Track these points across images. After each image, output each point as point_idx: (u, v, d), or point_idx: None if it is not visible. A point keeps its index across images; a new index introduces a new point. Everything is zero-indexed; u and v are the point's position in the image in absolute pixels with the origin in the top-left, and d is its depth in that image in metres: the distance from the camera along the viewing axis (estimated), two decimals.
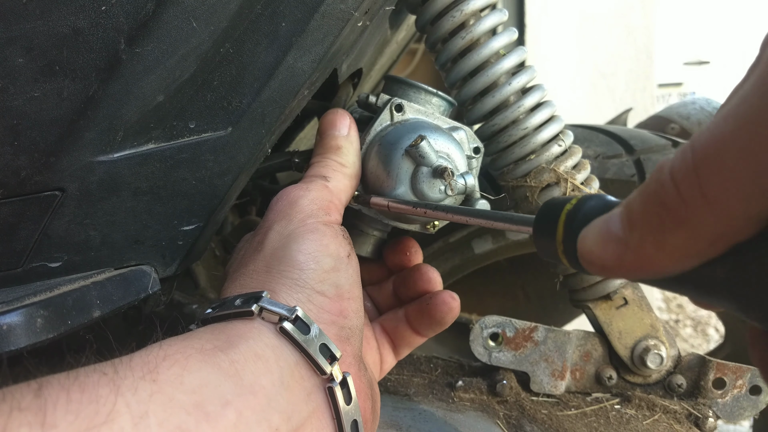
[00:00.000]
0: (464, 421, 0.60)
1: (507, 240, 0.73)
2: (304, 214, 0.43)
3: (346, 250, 0.43)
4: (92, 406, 0.26)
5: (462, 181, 0.47)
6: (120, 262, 0.46)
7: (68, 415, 0.25)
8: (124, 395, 0.27)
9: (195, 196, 0.46)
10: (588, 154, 0.71)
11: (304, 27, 0.42)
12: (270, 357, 0.34)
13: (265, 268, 0.41)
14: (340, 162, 0.48)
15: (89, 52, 0.37)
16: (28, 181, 0.39)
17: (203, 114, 0.43)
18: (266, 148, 0.48)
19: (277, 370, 0.34)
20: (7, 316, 0.37)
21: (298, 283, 0.39)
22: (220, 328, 0.35)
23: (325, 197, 0.45)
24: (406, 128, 0.49)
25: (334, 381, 0.36)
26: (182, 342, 0.33)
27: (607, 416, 0.61)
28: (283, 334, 0.36)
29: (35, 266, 0.43)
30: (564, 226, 0.28)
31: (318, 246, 0.41)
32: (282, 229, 0.42)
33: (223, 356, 0.32)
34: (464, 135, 0.52)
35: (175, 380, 0.29)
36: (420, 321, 0.54)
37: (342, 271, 0.41)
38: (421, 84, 0.53)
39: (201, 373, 0.30)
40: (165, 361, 0.30)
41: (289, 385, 0.34)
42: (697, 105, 1.56)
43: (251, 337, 0.35)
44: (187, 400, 0.29)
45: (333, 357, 0.37)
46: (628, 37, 3.47)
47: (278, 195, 0.45)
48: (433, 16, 0.53)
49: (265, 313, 0.36)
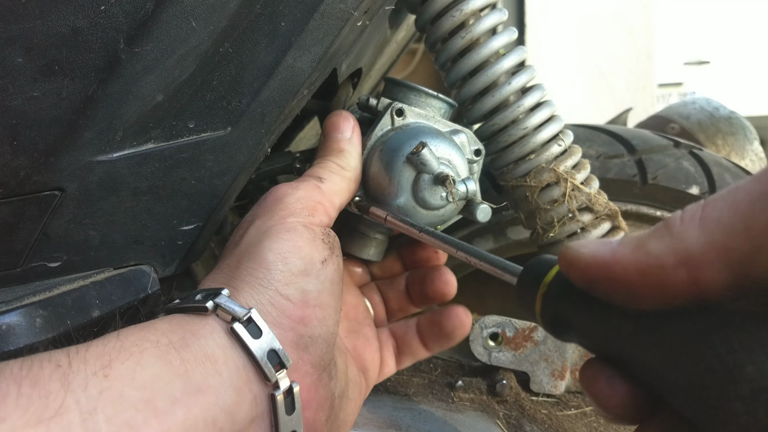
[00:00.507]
0: (464, 421, 0.59)
1: (508, 239, 0.73)
2: (286, 212, 0.42)
3: (322, 255, 0.41)
4: (42, 401, 0.26)
5: (463, 187, 0.47)
6: (119, 262, 0.46)
7: (18, 409, 0.26)
8: (74, 392, 0.27)
9: (194, 195, 0.46)
10: (589, 154, 0.71)
11: (303, 26, 0.42)
12: (219, 357, 0.34)
13: (236, 263, 0.40)
14: (340, 164, 0.48)
15: (88, 51, 0.37)
16: (28, 180, 0.39)
17: (202, 114, 0.43)
18: (266, 147, 0.48)
19: (226, 372, 0.34)
20: (7, 316, 0.37)
21: (263, 283, 0.38)
22: (177, 320, 0.36)
23: (313, 197, 0.44)
24: (407, 134, 0.49)
25: (278, 389, 0.36)
26: (140, 333, 0.33)
27: None
28: (233, 335, 0.35)
29: (35, 266, 0.43)
30: (545, 292, 0.30)
31: (290, 246, 0.40)
32: (261, 225, 0.42)
33: (175, 354, 0.33)
34: (465, 138, 0.52)
35: (127, 376, 0.30)
36: (430, 332, 0.54)
37: (312, 276, 0.40)
38: (422, 86, 0.53)
39: (153, 369, 0.31)
40: (120, 354, 0.31)
41: (237, 386, 0.34)
42: (697, 105, 1.56)
43: (203, 335, 0.35)
44: (137, 396, 0.29)
45: (282, 364, 0.36)
46: (628, 37, 3.47)
47: (268, 191, 0.45)
48: (432, 16, 0.52)
49: (219, 311, 0.36)
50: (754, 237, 0.22)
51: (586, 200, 0.53)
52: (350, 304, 0.54)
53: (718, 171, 0.71)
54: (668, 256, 0.23)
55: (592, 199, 0.53)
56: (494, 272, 0.37)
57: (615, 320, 0.26)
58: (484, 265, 0.38)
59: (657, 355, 0.23)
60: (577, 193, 0.53)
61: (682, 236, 0.23)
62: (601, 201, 0.53)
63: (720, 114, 1.51)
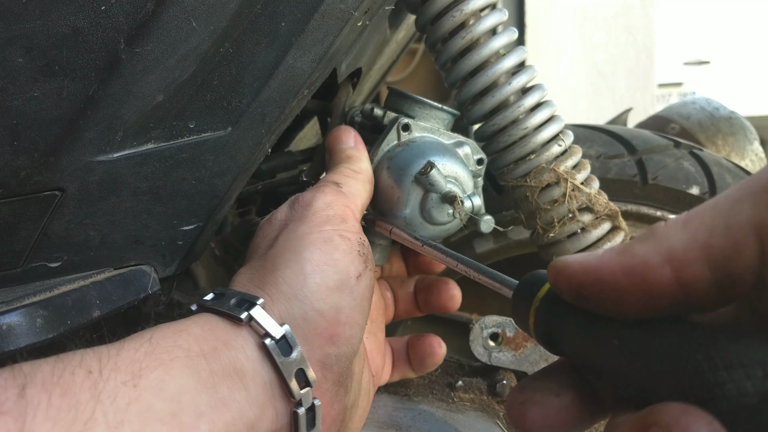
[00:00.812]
0: (464, 421, 0.59)
1: (508, 240, 0.73)
2: (319, 217, 0.41)
3: (357, 270, 0.40)
4: (71, 413, 0.26)
5: (469, 203, 0.48)
6: (120, 262, 0.46)
7: (47, 422, 0.26)
8: (102, 403, 0.28)
9: (195, 195, 0.46)
10: (590, 154, 0.71)
11: (303, 27, 0.42)
12: (248, 372, 0.34)
13: (272, 267, 0.39)
14: (353, 169, 0.48)
15: (89, 51, 0.37)
16: (28, 181, 0.39)
17: (203, 114, 0.43)
18: (266, 147, 0.48)
19: (252, 387, 0.34)
20: (7, 316, 0.37)
21: (298, 295, 0.38)
22: (211, 325, 0.36)
23: (340, 202, 0.43)
24: (415, 152, 0.50)
25: (301, 406, 0.36)
26: (172, 338, 0.33)
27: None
28: (264, 350, 0.35)
29: (35, 266, 0.43)
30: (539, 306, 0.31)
31: (327, 259, 0.39)
32: (295, 229, 0.41)
33: (204, 365, 0.33)
34: (468, 150, 0.54)
35: (155, 386, 0.30)
36: (411, 354, 0.55)
37: (346, 293, 0.39)
38: (425, 99, 0.54)
39: (182, 380, 0.31)
40: (152, 361, 0.31)
41: (261, 402, 0.34)
42: (697, 105, 1.56)
43: (234, 347, 0.35)
44: (164, 409, 0.29)
45: (307, 383, 0.36)
46: (628, 37, 3.47)
47: (293, 197, 0.44)
48: (433, 16, 0.52)
49: (253, 323, 0.36)
50: (734, 235, 0.23)
51: (586, 200, 0.53)
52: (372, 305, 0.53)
53: (719, 171, 0.71)
54: (653, 255, 0.24)
55: (592, 200, 0.53)
56: (492, 286, 0.38)
57: (601, 333, 0.26)
58: (483, 278, 0.39)
59: (641, 368, 0.24)
60: (578, 194, 0.53)
61: (667, 236, 0.24)
62: (602, 201, 0.53)
63: (720, 114, 1.51)
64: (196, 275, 0.79)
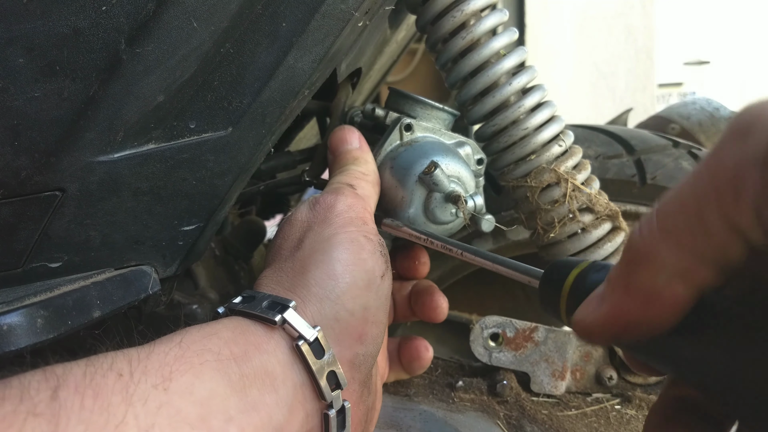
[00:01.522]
0: (464, 422, 0.60)
1: (508, 240, 0.73)
2: (343, 219, 0.42)
3: (381, 270, 0.41)
4: (103, 416, 0.26)
5: (472, 202, 0.49)
6: (120, 262, 0.46)
7: (80, 425, 0.26)
8: (134, 405, 0.28)
9: (195, 196, 0.46)
10: (588, 154, 0.71)
11: (304, 27, 0.42)
12: (279, 375, 0.34)
13: (301, 269, 0.40)
14: (362, 171, 0.48)
15: (90, 52, 0.37)
16: (29, 181, 0.39)
17: (204, 114, 0.43)
18: (267, 147, 0.48)
19: (283, 390, 0.34)
20: (8, 316, 0.37)
21: (330, 296, 0.38)
22: (241, 328, 0.35)
23: (359, 204, 0.44)
24: (417, 152, 0.50)
25: (332, 408, 0.36)
26: (202, 341, 0.33)
27: (607, 416, 0.61)
28: (297, 353, 0.35)
29: (35, 266, 0.43)
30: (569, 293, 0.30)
31: (356, 259, 0.40)
32: (322, 231, 0.41)
33: (235, 368, 0.32)
34: (470, 150, 0.54)
35: (185, 390, 0.30)
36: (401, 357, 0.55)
37: (373, 292, 0.40)
38: (427, 99, 0.54)
39: (211, 384, 0.31)
40: (182, 365, 0.30)
41: (290, 405, 0.34)
42: (698, 105, 1.55)
43: (266, 350, 0.35)
44: (193, 413, 0.29)
45: (338, 385, 0.36)
46: (628, 37, 3.47)
47: (311, 199, 0.45)
48: (433, 16, 0.53)
49: (286, 326, 0.36)
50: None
51: (586, 201, 0.53)
52: None
53: None
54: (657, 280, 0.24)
55: (592, 200, 0.53)
56: (515, 276, 0.38)
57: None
58: (505, 269, 0.39)
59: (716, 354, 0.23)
60: (578, 194, 0.53)
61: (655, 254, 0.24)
62: (602, 201, 0.53)
63: (720, 114, 1.51)
64: (196, 275, 0.79)
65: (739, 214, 0.21)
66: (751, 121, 0.21)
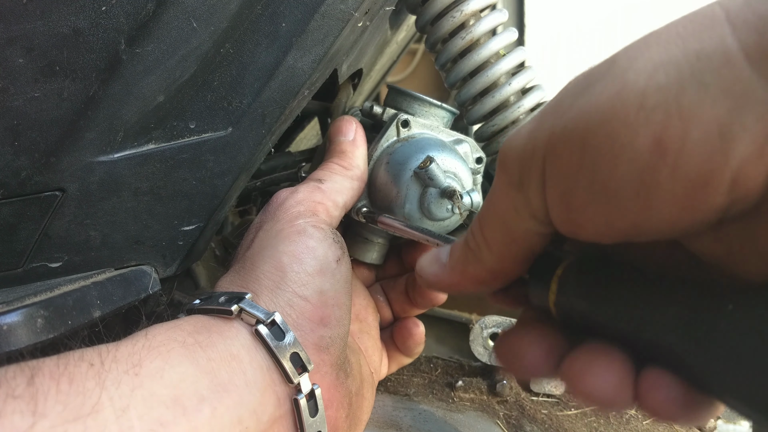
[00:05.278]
0: (464, 421, 0.60)
1: None
2: (290, 214, 0.43)
3: (336, 255, 0.42)
4: (79, 398, 0.27)
5: (468, 199, 0.48)
6: (120, 262, 0.46)
7: (57, 405, 0.26)
8: (108, 389, 0.28)
9: (195, 196, 0.46)
10: None
11: (304, 27, 0.42)
12: (244, 358, 0.35)
13: (251, 267, 0.41)
14: (341, 165, 0.48)
15: (89, 52, 0.37)
16: (29, 181, 0.40)
17: (203, 114, 0.43)
18: (267, 148, 0.48)
19: (251, 372, 0.35)
20: (8, 316, 0.37)
21: (280, 285, 0.39)
22: (202, 322, 0.36)
23: (313, 198, 0.45)
24: (414, 147, 0.50)
25: (300, 393, 0.37)
26: (166, 333, 0.34)
27: (607, 416, 0.61)
28: (258, 337, 0.36)
29: (35, 266, 0.43)
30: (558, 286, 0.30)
31: (303, 248, 0.41)
32: (270, 229, 0.43)
33: (201, 353, 0.33)
34: (468, 147, 0.53)
35: (156, 374, 0.30)
36: (397, 341, 0.56)
37: (328, 276, 0.41)
38: (425, 96, 0.53)
39: (181, 368, 0.32)
40: (150, 353, 0.31)
41: (261, 387, 0.35)
42: None
43: (229, 336, 0.36)
44: (166, 394, 0.30)
45: (304, 367, 0.37)
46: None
47: (272, 197, 0.46)
48: (433, 17, 0.53)
49: (244, 314, 0.37)
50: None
51: None
52: (360, 306, 0.54)
53: None
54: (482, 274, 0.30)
55: None
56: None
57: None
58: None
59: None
60: None
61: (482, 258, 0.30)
62: None
63: None
64: (196, 275, 0.79)
65: (520, 220, 0.27)
66: (503, 157, 0.28)
